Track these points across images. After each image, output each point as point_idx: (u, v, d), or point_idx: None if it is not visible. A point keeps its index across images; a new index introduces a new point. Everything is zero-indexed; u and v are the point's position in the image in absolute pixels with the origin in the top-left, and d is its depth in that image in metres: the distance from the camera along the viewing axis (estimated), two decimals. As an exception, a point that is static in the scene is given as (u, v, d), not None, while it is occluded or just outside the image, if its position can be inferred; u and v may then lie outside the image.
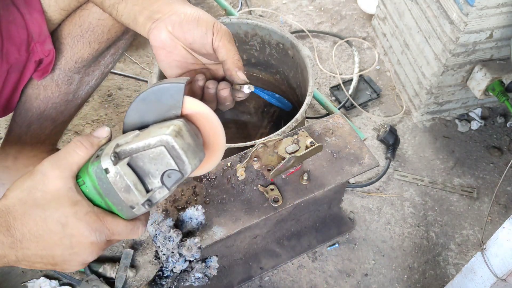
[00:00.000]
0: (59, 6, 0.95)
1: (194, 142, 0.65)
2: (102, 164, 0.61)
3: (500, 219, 1.40)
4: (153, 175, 0.63)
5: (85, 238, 0.61)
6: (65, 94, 1.09)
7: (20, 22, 0.92)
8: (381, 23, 1.80)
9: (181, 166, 0.63)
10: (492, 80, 1.39)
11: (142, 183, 0.63)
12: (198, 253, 0.89)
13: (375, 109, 1.67)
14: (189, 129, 0.65)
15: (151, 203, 0.64)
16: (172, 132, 0.61)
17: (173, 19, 0.75)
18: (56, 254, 0.62)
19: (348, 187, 1.44)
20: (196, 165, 0.64)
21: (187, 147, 0.63)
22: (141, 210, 0.64)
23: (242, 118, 1.60)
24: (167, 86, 0.67)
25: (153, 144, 0.61)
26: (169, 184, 0.63)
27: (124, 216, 0.65)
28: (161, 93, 0.67)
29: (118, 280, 1.24)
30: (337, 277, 1.29)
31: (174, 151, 0.61)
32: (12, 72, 0.97)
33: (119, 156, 0.62)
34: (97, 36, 1.02)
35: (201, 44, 0.76)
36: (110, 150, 0.62)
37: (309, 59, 1.32)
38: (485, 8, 1.25)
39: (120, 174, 0.61)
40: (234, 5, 2.00)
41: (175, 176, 0.63)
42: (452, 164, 1.53)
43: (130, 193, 0.62)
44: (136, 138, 0.63)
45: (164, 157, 0.62)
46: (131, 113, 0.68)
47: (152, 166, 0.62)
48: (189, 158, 0.63)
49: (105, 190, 0.62)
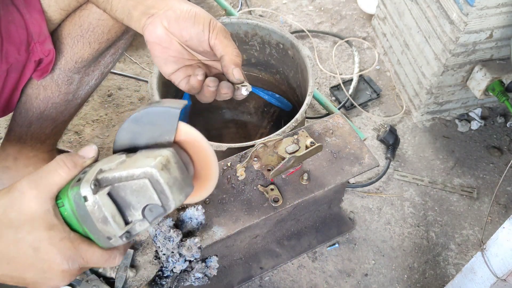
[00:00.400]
0: (59, 6, 0.95)
1: (182, 175, 0.61)
2: (81, 191, 0.57)
3: (500, 219, 1.40)
4: (134, 207, 0.59)
5: (57, 265, 0.59)
6: (65, 94, 1.09)
7: (19, 22, 0.92)
8: (381, 23, 1.80)
9: (164, 202, 0.59)
10: (492, 80, 1.39)
11: (122, 214, 0.59)
12: (198, 253, 0.89)
13: (375, 109, 1.67)
14: (178, 160, 0.61)
15: (130, 235, 0.61)
16: (158, 165, 0.58)
17: (169, 15, 0.74)
18: (27, 276, 0.59)
19: (348, 187, 1.44)
20: (181, 201, 0.61)
21: (172, 181, 0.59)
22: (119, 242, 0.61)
23: (242, 118, 1.60)
24: (162, 110, 0.63)
25: (137, 175, 0.57)
26: (150, 218, 0.60)
27: (100, 245, 0.62)
28: (155, 116, 0.64)
29: (118, 280, 1.24)
30: (337, 277, 1.29)
31: (158, 185, 0.58)
32: (12, 72, 0.96)
33: (100, 184, 0.58)
34: (97, 36, 1.01)
35: (198, 42, 0.75)
36: (91, 176, 0.58)
37: (309, 59, 1.32)
38: (485, 8, 1.25)
39: (99, 205, 0.57)
40: (234, 5, 2.00)
41: (157, 211, 0.59)
42: (452, 164, 1.53)
43: (107, 225, 0.59)
44: (121, 165, 0.60)
45: (147, 191, 0.58)
46: (122, 132, 0.65)
47: (134, 198, 0.59)
48: (173, 194, 0.59)
49: (82, 217, 0.59)
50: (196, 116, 1.54)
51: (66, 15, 0.99)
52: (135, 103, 1.66)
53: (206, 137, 0.68)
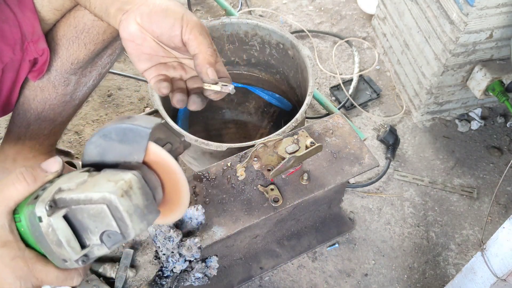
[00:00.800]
0: (52, 6, 0.95)
1: (145, 202, 0.57)
2: (36, 211, 0.55)
3: (500, 219, 1.40)
4: (91, 232, 0.56)
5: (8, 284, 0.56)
6: (62, 95, 1.09)
7: (13, 21, 0.91)
8: (381, 23, 1.80)
9: (123, 229, 0.55)
10: (492, 80, 1.39)
11: (79, 237, 0.56)
12: (198, 253, 0.89)
13: (375, 109, 1.67)
14: (142, 185, 0.58)
15: (88, 258, 0.58)
16: (118, 191, 0.54)
17: (142, 10, 0.71)
18: None
19: (348, 187, 1.44)
20: (142, 229, 0.57)
21: (133, 209, 0.55)
22: (74, 265, 0.57)
23: (242, 118, 1.60)
24: (132, 128, 0.60)
25: (95, 200, 0.54)
26: (108, 244, 0.57)
27: (57, 265, 0.59)
28: (124, 134, 0.60)
29: (118, 280, 1.24)
30: (337, 277, 1.29)
31: (117, 212, 0.54)
32: (8, 71, 0.96)
33: (56, 205, 0.55)
34: (92, 37, 1.01)
35: (169, 37, 0.72)
36: (48, 195, 0.55)
37: (309, 59, 1.32)
38: (485, 8, 1.25)
39: (53, 227, 0.55)
40: (234, 5, 2.00)
41: (115, 238, 0.56)
42: (452, 164, 1.53)
43: (61, 248, 0.56)
44: (81, 186, 0.57)
45: (105, 217, 0.55)
46: (90, 146, 0.62)
47: (92, 223, 0.55)
48: (133, 222, 0.55)
49: (36, 237, 0.56)
50: (196, 116, 1.54)
51: (61, 15, 0.98)
52: (135, 103, 1.66)
53: (206, 137, 0.67)
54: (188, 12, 0.71)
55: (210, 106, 1.59)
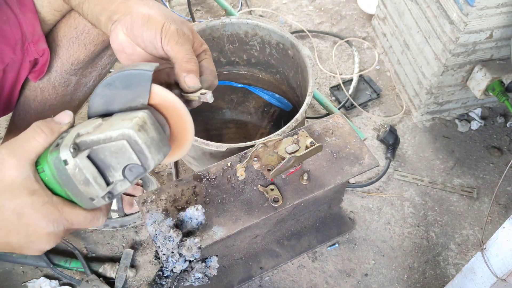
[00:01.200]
0: (52, 7, 0.95)
1: (159, 136, 0.62)
2: (61, 155, 0.59)
3: (500, 219, 1.40)
4: (114, 168, 0.60)
5: (41, 228, 0.60)
6: (63, 96, 1.09)
7: (13, 22, 0.92)
8: (381, 23, 1.80)
9: (143, 161, 0.60)
10: (492, 80, 1.39)
11: (102, 175, 0.61)
12: (198, 253, 0.89)
13: (375, 109, 1.67)
14: (154, 121, 0.62)
15: (112, 195, 0.62)
16: (135, 126, 0.59)
17: (127, 21, 0.70)
18: (12, 241, 0.61)
19: (348, 187, 1.44)
20: (160, 160, 0.62)
21: (150, 141, 0.60)
22: (101, 202, 0.62)
23: (242, 118, 1.60)
24: (135, 72, 0.64)
25: (115, 137, 0.59)
26: (130, 178, 0.61)
27: (84, 206, 0.63)
28: (128, 80, 0.64)
29: (118, 280, 1.24)
30: (337, 277, 1.29)
31: (136, 145, 0.59)
32: (9, 72, 0.96)
33: (79, 148, 0.59)
34: (92, 38, 1.01)
35: (153, 48, 0.71)
36: (70, 140, 0.59)
37: (309, 59, 1.32)
38: (485, 8, 1.25)
39: (79, 167, 0.59)
40: (234, 5, 2.00)
41: (137, 170, 0.61)
42: (452, 164, 1.53)
43: (89, 186, 0.60)
44: (98, 128, 0.61)
45: (126, 152, 0.59)
46: (96, 98, 0.65)
47: (114, 160, 0.60)
48: (152, 153, 0.60)
49: (63, 181, 0.60)
50: (196, 116, 1.54)
51: (61, 16, 0.99)
52: (135, 103, 1.66)
53: (206, 137, 0.67)
54: (169, 19, 0.70)
55: (210, 106, 1.59)
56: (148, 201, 0.98)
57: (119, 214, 1.33)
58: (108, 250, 1.33)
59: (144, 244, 1.34)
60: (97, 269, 1.26)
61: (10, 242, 0.61)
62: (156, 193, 1.00)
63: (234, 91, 1.62)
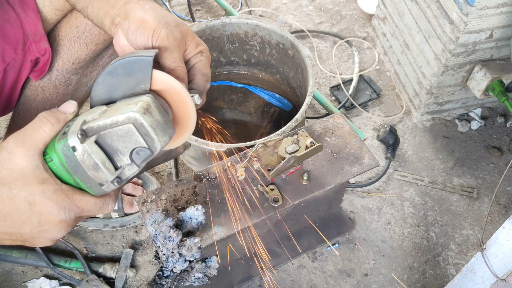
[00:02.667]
0: (54, 6, 0.95)
1: (164, 118, 0.63)
2: (69, 142, 0.60)
3: (500, 219, 1.40)
4: (121, 153, 0.61)
5: (53, 216, 0.61)
6: (63, 95, 1.09)
7: (15, 22, 0.92)
8: (381, 23, 1.80)
9: (150, 144, 0.61)
10: (492, 80, 1.39)
11: (110, 160, 0.62)
12: (198, 253, 0.89)
13: (375, 109, 1.67)
14: (158, 105, 0.63)
15: (120, 180, 0.63)
16: (141, 109, 0.60)
17: (125, 26, 0.71)
18: (24, 231, 0.62)
19: (348, 187, 1.44)
20: (166, 142, 0.63)
21: (156, 124, 0.61)
22: (111, 187, 0.63)
23: (242, 118, 1.60)
24: (135, 59, 0.64)
25: (121, 121, 0.60)
26: (138, 161, 0.62)
27: (93, 193, 0.64)
28: (129, 67, 0.65)
29: (118, 280, 1.24)
30: (337, 277, 1.29)
31: (143, 128, 0.60)
32: (10, 71, 0.96)
33: (86, 134, 0.60)
34: (93, 37, 1.01)
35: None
36: (76, 127, 0.60)
37: (309, 59, 1.32)
38: (485, 8, 1.25)
39: (88, 152, 0.60)
40: (234, 5, 2.00)
41: (144, 153, 0.62)
42: (452, 164, 1.53)
43: (98, 171, 0.61)
44: (104, 114, 0.62)
45: (132, 135, 0.60)
46: (98, 87, 0.66)
47: (121, 144, 0.61)
48: (158, 136, 0.61)
49: (73, 167, 0.61)
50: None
51: (62, 15, 0.99)
52: (135, 103, 1.66)
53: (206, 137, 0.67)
54: (161, 24, 0.70)
55: (210, 106, 1.59)
56: (148, 201, 0.98)
57: (119, 214, 1.33)
58: (108, 250, 1.33)
59: (144, 244, 1.34)
60: (97, 269, 1.26)
61: (23, 233, 0.62)
62: (156, 193, 1.00)
63: (234, 91, 1.62)
